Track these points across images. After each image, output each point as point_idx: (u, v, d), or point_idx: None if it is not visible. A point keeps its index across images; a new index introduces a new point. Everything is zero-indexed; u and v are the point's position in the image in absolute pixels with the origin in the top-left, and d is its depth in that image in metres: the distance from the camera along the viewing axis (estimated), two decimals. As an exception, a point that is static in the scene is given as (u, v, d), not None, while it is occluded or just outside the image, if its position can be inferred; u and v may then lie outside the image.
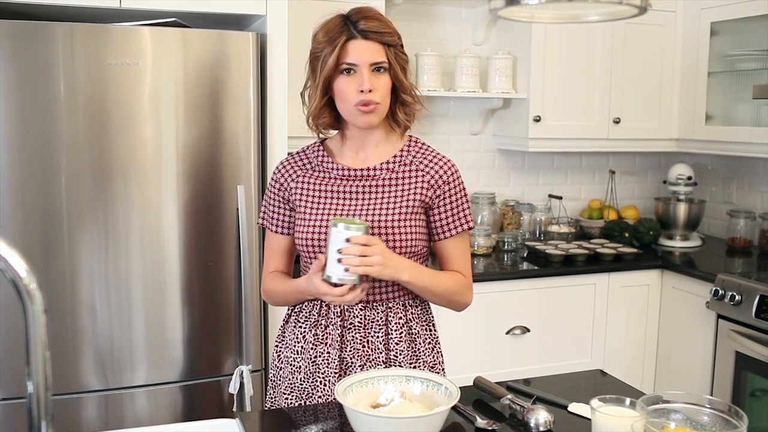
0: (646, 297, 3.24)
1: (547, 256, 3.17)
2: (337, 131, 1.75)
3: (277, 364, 1.78)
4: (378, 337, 1.67)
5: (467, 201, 1.75)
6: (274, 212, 1.76)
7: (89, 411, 2.34)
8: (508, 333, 3.03)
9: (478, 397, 1.61)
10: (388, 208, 1.66)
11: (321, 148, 1.75)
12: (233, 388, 2.44)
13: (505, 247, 3.35)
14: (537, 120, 3.27)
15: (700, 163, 3.82)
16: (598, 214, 3.70)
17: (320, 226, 1.66)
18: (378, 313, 1.68)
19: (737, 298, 2.74)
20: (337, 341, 1.66)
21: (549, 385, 1.70)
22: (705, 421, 1.29)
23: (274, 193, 1.76)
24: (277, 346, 1.80)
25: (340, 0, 2.84)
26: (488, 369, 2.56)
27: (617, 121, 3.39)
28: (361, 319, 1.66)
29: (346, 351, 1.67)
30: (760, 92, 2.86)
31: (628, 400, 1.35)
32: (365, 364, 1.66)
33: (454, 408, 1.48)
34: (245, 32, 2.41)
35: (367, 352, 1.66)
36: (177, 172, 2.35)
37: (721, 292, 2.81)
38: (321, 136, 1.75)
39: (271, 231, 1.77)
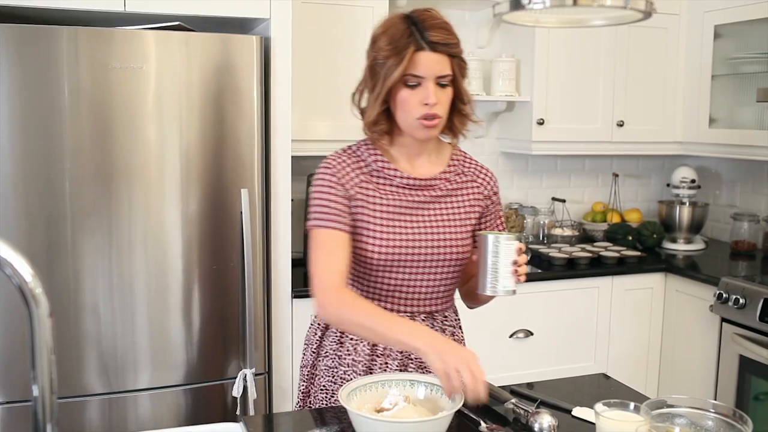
0: (649, 300, 3.24)
1: (550, 260, 3.17)
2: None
3: (313, 372, 1.72)
4: None
5: (501, 209, 1.82)
6: (337, 209, 1.60)
7: (92, 414, 2.34)
8: (511, 336, 3.03)
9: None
10: (450, 219, 1.66)
11: (377, 151, 1.67)
12: (237, 391, 2.44)
13: (509, 250, 3.34)
14: (540, 123, 3.27)
15: (704, 166, 3.82)
16: (602, 217, 3.70)
17: (399, 240, 1.60)
18: (438, 322, 1.70)
19: (741, 301, 2.73)
20: (399, 351, 1.64)
21: (552, 388, 1.70)
22: (709, 426, 1.29)
23: (337, 189, 1.61)
24: (312, 354, 1.73)
25: (344, 4, 2.86)
26: (491, 372, 2.54)
27: (621, 124, 3.39)
28: None
29: (405, 362, 1.65)
30: (765, 95, 2.86)
31: (632, 405, 1.35)
32: (418, 370, 1.66)
33: (458, 412, 1.47)
34: (249, 36, 2.41)
35: (423, 360, 1.66)
36: (181, 176, 2.36)
37: (725, 295, 2.81)
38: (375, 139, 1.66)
39: (336, 230, 1.58)
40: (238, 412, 2.46)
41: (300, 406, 1.75)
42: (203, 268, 2.41)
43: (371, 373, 1.65)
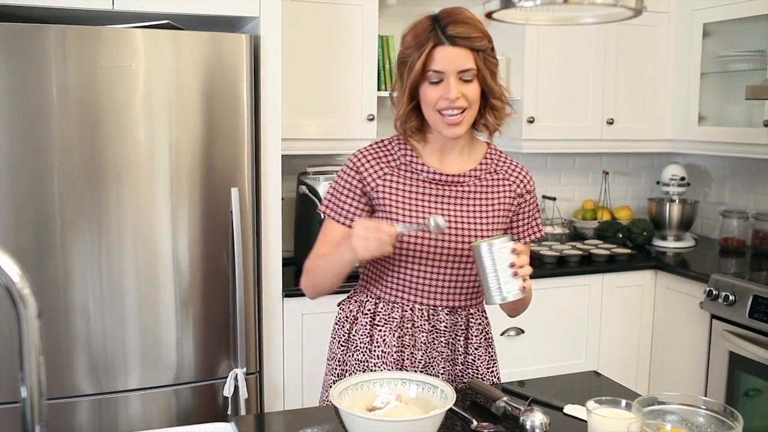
0: (639, 297, 3.25)
1: (541, 257, 3.18)
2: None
3: (344, 368, 1.73)
4: (460, 340, 1.70)
5: (539, 209, 1.81)
6: (345, 202, 1.68)
7: (82, 415, 2.32)
8: (502, 334, 3.03)
9: (474, 399, 1.61)
10: (478, 217, 1.67)
11: (407, 146, 1.69)
12: (228, 391, 2.44)
13: (500, 248, 3.35)
14: (531, 121, 3.28)
15: (693, 164, 3.83)
16: (592, 214, 3.71)
17: (423, 232, 1.62)
18: (461, 318, 1.71)
19: (731, 298, 2.74)
20: (424, 344, 1.67)
21: (544, 386, 1.70)
22: (700, 423, 1.29)
23: (352, 184, 1.67)
24: (340, 348, 1.74)
25: (333, 2, 2.86)
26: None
27: (611, 122, 3.40)
28: (447, 324, 1.69)
29: (431, 354, 1.68)
30: (753, 93, 2.87)
31: (623, 402, 1.35)
32: (446, 365, 1.69)
33: (450, 410, 1.47)
34: (239, 34, 2.40)
35: (449, 354, 1.69)
36: (170, 175, 2.34)
37: (714, 292, 2.82)
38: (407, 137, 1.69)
39: (337, 222, 1.68)
40: (229, 412, 2.45)
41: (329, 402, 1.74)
42: (193, 267, 2.40)
43: (401, 365, 1.67)
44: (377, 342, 1.69)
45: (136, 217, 2.32)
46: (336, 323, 1.81)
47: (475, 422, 1.46)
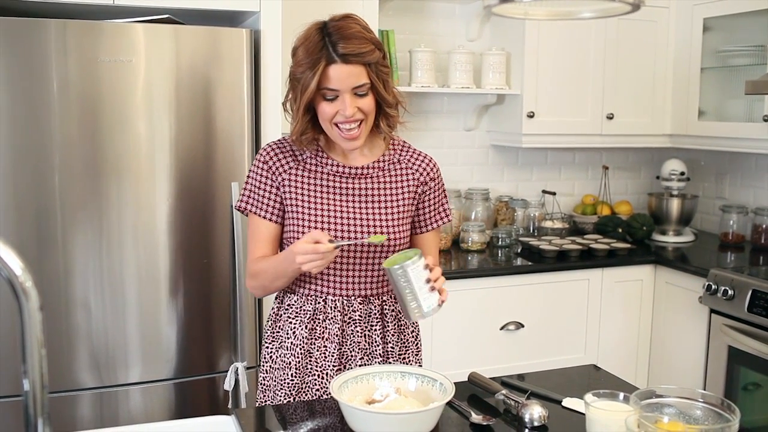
0: (639, 292, 3.26)
1: (540, 252, 3.18)
2: None
3: (272, 366, 1.75)
4: (376, 330, 1.71)
5: (446, 195, 1.83)
6: (264, 196, 1.70)
7: (83, 409, 2.33)
8: (502, 328, 3.04)
9: (473, 392, 1.62)
10: (384, 208, 1.69)
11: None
12: (228, 384, 2.45)
13: (499, 242, 3.36)
14: (530, 116, 3.28)
15: (693, 159, 3.84)
16: (592, 209, 3.71)
17: (329, 224, 1.65)
18: (375, 306, 1.71)
19: (730, 292, 2.75)
20: (337, 335, 1.68)
21: (543, 380, 1.71)
22: (698, 416, 1.30)
23: (265, 177, 1.70)
24: (267, 347, 1.77)
25: (333, -4, 2.84)
26: (482, 364, 2.57)
27: (610, 117, 3.40)
28: (360, 313, 1.69)
29: (345, 345, 1.69)
30: (753, 88, 2.87)
31: (621, 395, 1.36)
32: (364, 357, 1.69)
33: (449, 404, 1.48)
34: (239, 29, 2.40)
35: (366, 345, 1.70)
36: (171, 169, 2.35)
37: (713, 287, 2.83)
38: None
39: (262, 218, 1.71)
40: (229, 406, 2.46)
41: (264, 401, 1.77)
42: (193, 261, 2.41)
43: (311, 356, 1.69)
44: (287, 334, 1.72)
45: (136, 211, 2.33)
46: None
47: (474, 415, 1.47)
